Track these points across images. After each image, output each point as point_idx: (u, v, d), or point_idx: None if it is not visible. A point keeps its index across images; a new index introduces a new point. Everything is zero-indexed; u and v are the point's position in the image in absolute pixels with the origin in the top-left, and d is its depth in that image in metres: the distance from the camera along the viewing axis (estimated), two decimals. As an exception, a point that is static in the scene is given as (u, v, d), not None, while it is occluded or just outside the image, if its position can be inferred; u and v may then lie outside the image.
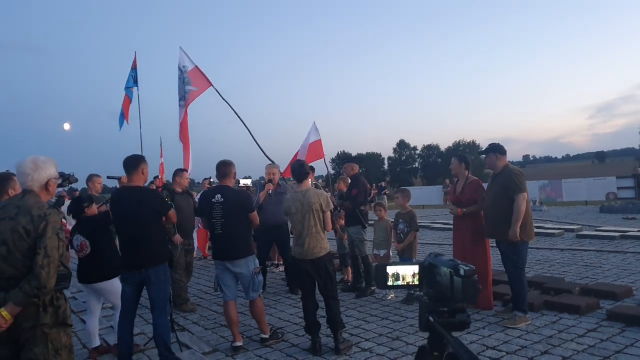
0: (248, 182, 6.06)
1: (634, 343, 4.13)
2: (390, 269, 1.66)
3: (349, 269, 6.93)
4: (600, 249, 8.65)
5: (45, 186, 2.79)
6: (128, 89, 9.74)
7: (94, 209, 4.75)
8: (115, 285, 4.50)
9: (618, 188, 20.08)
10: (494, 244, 5.16)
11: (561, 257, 8.26)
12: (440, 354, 1.62)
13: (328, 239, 4.68)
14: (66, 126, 17.26)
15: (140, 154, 4.40)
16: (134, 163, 4.13)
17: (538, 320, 4.86)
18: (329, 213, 4.52)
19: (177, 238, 5.81)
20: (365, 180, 6.80)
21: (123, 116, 9.52)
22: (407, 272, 1.66)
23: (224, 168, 4.68)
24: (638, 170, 21.63)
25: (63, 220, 2.94)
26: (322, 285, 4.48)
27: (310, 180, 4.92)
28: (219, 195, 4.55)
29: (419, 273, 1.66)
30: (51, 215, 2.63)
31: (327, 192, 6.65)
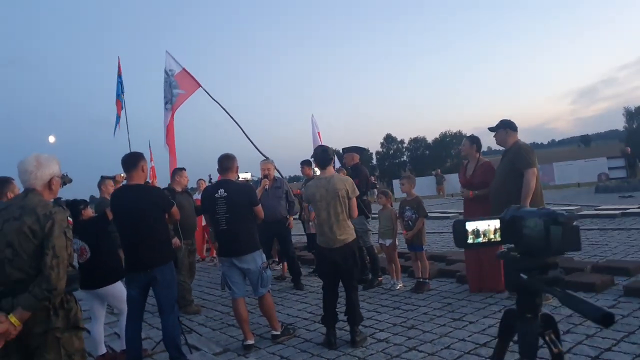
0: (248, 175, 5.89)
1: (656, 317, 4.04)
2: (470, 225, 1.50)
3: None
4: (603, 227, 8.62)
5: (49, 184, 2.66)
6: (119, 95, 9.53)
7: (89, 211, 4.56)
8: (119, 289, 4.34)
9: (609, 168, 20.16)
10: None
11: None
12: (534, 315, 1.46)
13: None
14: (51, 139, 16.87)
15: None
16: (133, 160, 3.99)
17: (555, 300, 4.75)
18: (355, 199, 4.36)
19: (176, 242, 5.60)
20: (366, 170, 6.67)
21: (117, 123, 9.31)
22: (489, 228, 1.50)
23: (227, 162, 4.52)
24: (627, 150, 21.92)
25: (69, 218, 2.79)
26: (347, 273, 4.31)
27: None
28: (222, 190, 4.38)
29: (501, 228, 1.50)
30: (57, 213, 2.50)
31: None
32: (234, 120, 8.06)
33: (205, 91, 8.27)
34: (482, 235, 1.50)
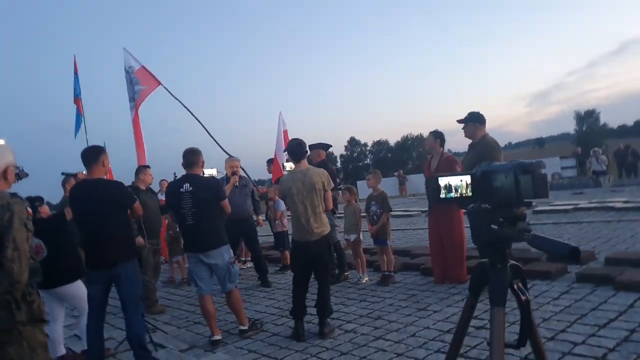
0: (213, 171, 5.84)
1: (606, 300, 4.28)
2: (442, 181, 1.57)
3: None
4: (557, 222, 9.02)
5: (4, 174, 2.54)
6: (78, 95, 9.24)
7: (45, 208, 4.43)
8: (79, 288, 4.21)
9: (562, 168, 21.14)
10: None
11: (522, 231, 8.52)
12: (503, 265, 1.55)
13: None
14: (0, 142, 16.15)
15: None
16: (93, 154, 3.86)
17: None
18: (330, 192, 4.40)
19: (140, 240, 5.49)
20: (332, 166, 6.73)
21: (79, 123, 9.01)
22: (461, 184, 1.58)
23: (192, 156, 4.46)
24: (578, 151, 23.15)
25: (28, 209, 2.69)
26: (322, 265, 4.35)
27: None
28: (188, 185, 4.33)
29: (472, 183, 1.58)
30: (16, 204, 2.40)
31: None
32: (196, 119, 7.98)
33: (166, 89, 8.15)
34: (454, 190, 1.57)
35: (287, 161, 6.68)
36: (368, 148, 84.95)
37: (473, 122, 4.99)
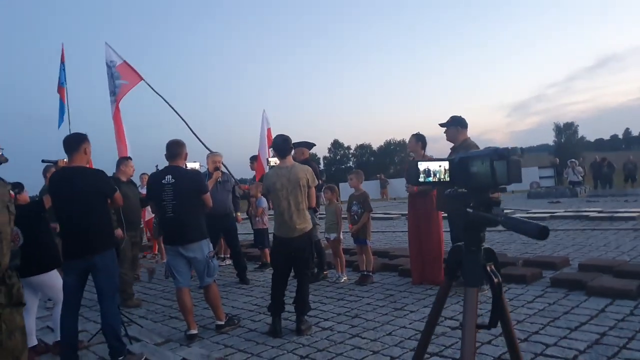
0: (196, 165, 5.80)
1: (578, 305, 4.38)
2: (422, 165, 1.62)
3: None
4: (534, 229, 9.19)
5: None
6: (63, 83, 9.07)
7: (25, 196, 4.34)
8: (54, 277, 4.13)
9: (540, 177, 21.59)
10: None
11: (500, 236, 8.67)
12: (477, 248, 1.61)
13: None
14: None
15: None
16: (75, 141, 3.82)
17: (489, 291, 5.02)
18: (314, 189, 4.41)
19: (119, 232, 5.43)
20: (315, 165, 6.75)
21: (63, 112, 8.83)
22: (440, 169, 1.63)
23: (176, 148, 4.42)
24: (556, 162, 23.76)
25: (11, 192, 2.63)
26: (303, 262, 4.36)
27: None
28: (170, 177, 4.28)
29: (450, 170, 1.63)
30: None
31: None
32: (178, 114, 7.92)
33: (148, 84, 8.08)
34: (432, 175, 1.62)
35: (272, 157, 6.67)
36: (351, 151, 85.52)
37: (455, 125, 5.05)
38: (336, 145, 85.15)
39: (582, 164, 20.50)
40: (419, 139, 5.54)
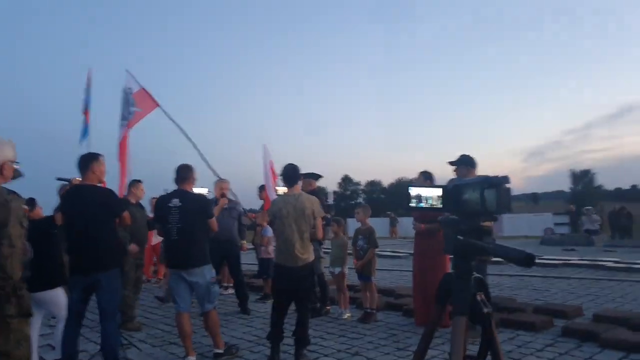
0: (204, 191, 5.81)
1: (591, 356, 4.20)
2: (413, 190, 1.58)
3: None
4: (546, 275, 8.95)
5: (0, 169, 2.56)
6: (87, 106, 9.31)
7: (38, 211, 4.39)
8: (60, 295, 4.17)
9: (554, 224, 21.24)
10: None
11: (510, 282, 8.45)
12: (467, 277, 1.59)
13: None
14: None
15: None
16: (83, 162, 3.96)
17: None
18: (320, 219, 4.37)
19: (133, 247, 5.46)
20: (323, 197, 6.71)
21: (86, 133, 9.03)
22: (432, 194, 1.59)
23: (185, 172, 4.46)
24: (572, 209, 23.30)
25: (24, 206, 2.71)
26: (304, 292, 4.29)
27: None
28: (177, 200, 4.30)
29: (443, 196, 1.59)
30: (13, 201, 2.45)
31: None
32: (190, 141, 8.06)
33: (163, 110, 8.26)
34: (424, 201, 1.58)
35: (281, 186, 6.68)
36: (361, 187, 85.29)
37: (465, 164, 5.00)
38: (346, 180, 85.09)
39: (600, 213, 20.10)
40: (427, 177, 5.48)
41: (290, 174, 4.44)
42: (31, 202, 4.34)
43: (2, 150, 2.58)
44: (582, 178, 69.04)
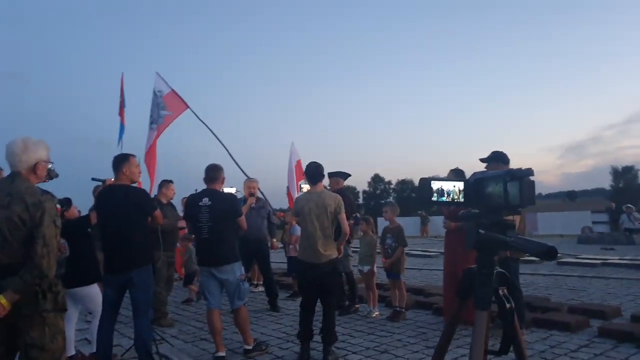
0: (233, 190, 5.92)
1: (628, 357, 4.07)
2: (435, 184, 1.58)
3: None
4: (583, 275, 8.68)
5: (34, 169, 2.65)
6: (123, 108, 9.65)
7: (74, 211, 4.56)
8: (95, 291, 4.32)
9: (593, 222, 20.48)
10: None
11: (544, 281, 8.24)
12: (489, 272, 1.57)
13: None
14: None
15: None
16: (115, 163, 4.09)
17: (529, 336, 4.75)
18: (344, 214, 4.41)
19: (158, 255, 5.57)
20: (351, 196, 6.72)
21: (122, 133, 9.37)
22: (454, 189, 1.58)
23: (214, 172, 4.55)
24: (612, 207, 22.36)
25: (58, 206, 2.81)
26: (328, 289, 4.32)
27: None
28: (207, 199, 4.40)
29: (464, 190, 1.58)
30: (47, 202, 2.52)
31: None
32: (220, 141, 8.21)
33: (193, 112, 8.43)
34: (446, 195, 1.57)
35: (305, 183, 6.73)
36: (392, 186, 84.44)
37: (496, 161, 4.83)
38: (376, 179, 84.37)
39: (642, 211, 19.25)
40: (458, 174, 5.39)
41: (313, 171, 4.49)
42: (67, 201, 4.52)
43: (35, 151, 2.64)
44: (625, 175, 66.22)
